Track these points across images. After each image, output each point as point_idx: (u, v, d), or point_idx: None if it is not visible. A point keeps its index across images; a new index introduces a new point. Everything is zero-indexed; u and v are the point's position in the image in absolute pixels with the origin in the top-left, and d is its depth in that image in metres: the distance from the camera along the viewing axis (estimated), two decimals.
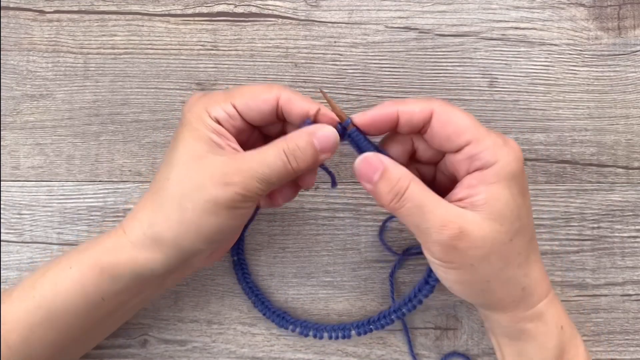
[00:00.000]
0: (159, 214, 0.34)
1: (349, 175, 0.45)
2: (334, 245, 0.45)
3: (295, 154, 0.34)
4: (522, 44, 0.45)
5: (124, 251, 0.35)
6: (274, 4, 0.45)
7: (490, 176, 0.32)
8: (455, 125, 0.33)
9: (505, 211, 0.32)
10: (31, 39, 0.45)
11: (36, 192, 0.45)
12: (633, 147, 0.45)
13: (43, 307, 0.35)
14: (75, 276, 0.35)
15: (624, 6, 0.46)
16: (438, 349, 0.44)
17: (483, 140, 0.33)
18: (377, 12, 0.45)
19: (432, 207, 0.33)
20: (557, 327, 0.35)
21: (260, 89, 0.35)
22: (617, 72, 0.45)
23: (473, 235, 0.32)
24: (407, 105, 0.34)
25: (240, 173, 0.33)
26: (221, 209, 0.33)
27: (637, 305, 0.44)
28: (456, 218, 0.32)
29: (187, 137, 0.35)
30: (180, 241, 0.34)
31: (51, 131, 0.45)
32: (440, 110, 0.34)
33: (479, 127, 0.34)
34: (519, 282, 0.34)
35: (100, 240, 0.36)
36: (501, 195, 0.32)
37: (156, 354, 0.44)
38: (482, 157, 0.33)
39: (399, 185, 0.33)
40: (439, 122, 0.34)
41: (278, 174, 0.34)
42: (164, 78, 0.45)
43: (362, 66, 0.45)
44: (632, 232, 0.45)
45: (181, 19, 0.45)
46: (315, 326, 0.43)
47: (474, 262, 0.33)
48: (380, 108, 0.35)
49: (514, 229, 0.33)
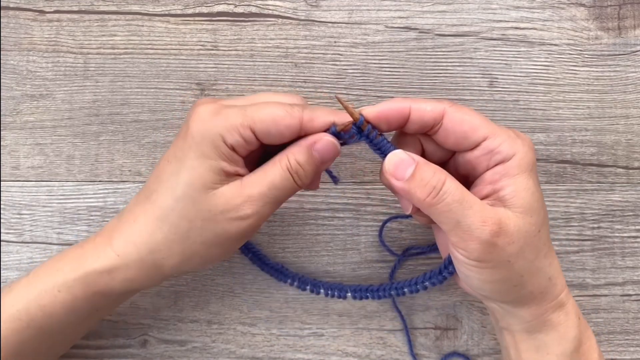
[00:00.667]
0: (161, 243, 0.33)
1: (349, 175, 0.45)
2: (334, 245, 0.45)
3: (298, 172, 0.33)
4: (522, 44, 0.45)
5: (119, 274, 0.34)
6: (274, 4, 0.45)
7: (512, 168, 0.33)
8: (470, 122, 0.33)
9: (533, 202, 0.33)
10: (31, 39, 0.45)
11: (36, 192, 0.45)
12: (633, 147, 0.45)
13: (32, 327, 0.35)
14: (68, 300, 0.34)
15: (624, 6, 0.46)
16: (438, 349, 0.44)
17: (499, 134, 0.33)
18: (377, 12, 0.45)
19: (473, 201, 0.32)
20: (576, 317, 0.35)
21: (282, 112, 0.32)
22: (617, 72, 0.45)
23: (510, 230, 0.32)
24: (419, 102, 0.34)
25: (251, 201, 0.32)
26: (232, 240, 0.33)
27: (637, 305, 0.44)
28: (494, 214, 0.32)
29: (196, 165, 0.32)
30: (183, 267, 0.34)
31: (51, 131, 0.45)
32: (452, 110, 0.33)
33: (490, 123, 0.34)
34: (546, 272, 0.34)
35: (86, 259, 0.34)
36: (527, 186, 0.33)
37: (156, 354, 0.44)
38: (501, 150, 0.33)
39: (435, 178, 0.32)
40: (452, 120, 0.33)
41: (287, 193, 0.34)
42: (164, 78, 0.45)
43: (362, 66, 0.45)
44: (632, 232, 0.45)
45: (181, 19, 0.45)
46: (314, 282, 0.43)
47: (510, 257, 0.32)
48: (392, 102, 0.34)
49: (541, 219, 0.33)
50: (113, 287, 0.34)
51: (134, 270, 0.34)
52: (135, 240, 0.34)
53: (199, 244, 0.33)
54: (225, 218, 0.32)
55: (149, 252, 0.34)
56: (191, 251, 0.33)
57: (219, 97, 0.43)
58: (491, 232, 0.31)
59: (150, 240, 0.33)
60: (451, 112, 0.33)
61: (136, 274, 0.34)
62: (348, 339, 0.44)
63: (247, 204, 0.32)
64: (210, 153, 0.32)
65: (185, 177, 0.32)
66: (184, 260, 0.34)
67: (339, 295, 0.42)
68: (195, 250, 0.33)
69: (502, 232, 0.32)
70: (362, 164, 0.45)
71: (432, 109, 0.33)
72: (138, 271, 0.34)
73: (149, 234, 0.33)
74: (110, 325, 0.44)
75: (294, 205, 0.45)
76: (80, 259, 0.35)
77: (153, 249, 0.33)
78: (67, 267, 0.35)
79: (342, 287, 0.42)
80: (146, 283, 0.35)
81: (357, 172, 0.45)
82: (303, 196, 0.45)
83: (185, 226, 0.33)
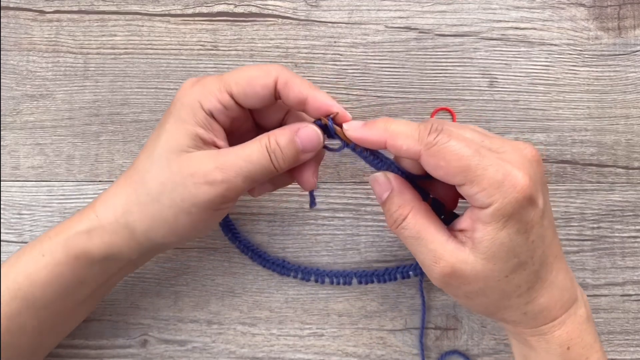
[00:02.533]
0: (134, 204, 0.34)
1: (349, 176, 0.45)
2: (334, 245, 0.45)
3: (275, 152, 0.33)
4: (522, 44, 0.45)
5: (97, 235, 0.34)
6: (274, 4, 0.45)
7: (486, 217, 0.31)
8: (445, 168, 0.31)
9: (500, 251, 0.31)
10: (31, 39, 0.45)
11: (36, 192, 0.45)
12: (633, 147, 0.45)
13: (19, 297, 0.35)
14: (50, 264, 0.35)
15: (624, 6, 0.46)
16: (438, 349, 0.44)
17: (478, 181, 0.30)
18: (377, 12, 0.45)
19: (428, 240, 0.32)
20: (560, 347, 0.34)
21: (257, 73, 0.34)
22: (617, 72, 0.45)
23: (465, 274, 0.32)
24: (396, 138, 0.32)
25: (223, 170, 0.32)
26: (200, 209, 0.33)
27: (637, 305, 0.44)
28: (450, 256, 0.32)
29: (173, 129, 0.33)
30: (152, 235, 0.34)
31: (51, 131, 0.45)
32: (429, 153, 0.31)
33: (477, 160, 0.30)
34: (519, 309, 0.33)
35: (71, 224, 0.35)
36: (496, 236, 0.31)
37: (156, 354, 0.44)
38: (477, 198, 0.31)
39: (398, 213, 0.33)
40: (427, 165, 0.32)
41: (261, 172, 0.33)
42: (164, 78, 0.45)
43: (362, 66, 0.45)
44: (632, 232, 0.45)
45: (181, 19, 0.45)
46: (317, 271, 0.43)
47: (468, 294, 0.33)
48: (370, 130, 0.33)
49: (510, 266, 0.32)
50: (91, 250, 0.34)
51: (109, 233, 0.34)
52: (114, 202, 0.34)
53: (167, 208, 0.33)
54: (194, 182, 0.32)
55: (123, 214, 0.34)
56: (160, 217, 0.33)
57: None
58: (441, 272, 0.32)
59: (125, 202, 0.34)
60: (426, 157, 0.31)
61: (112, 237, 0.34)
62: (348, 339, 0.44)
63: (217, 170, 0.32)
64: (187, 118, 0.33)
65: (162, 139, 0.34)
66: (154, 226, 0.34)
67: (345, 281, 0.42)
68: (165, 216, 0.33)
69: (455, 273, 0.32)
70: (362, 164, 0.45)
71: (406, 150, 0.32)
72: (113, 234, 0.34)
73: (125, 195, 0.34)
74: (110, 325, 0.44)
75: (294, 205, 0.45)
76: (65, 223, 0.36)
77: (126, 211, 0.34)
78: (52, 231, 0.36)
79: (347, 274, 0.42)
80: (124, 250, 0.35)
81: (357, 172, 0.45)
82: (303, 196, 0.45)
83: (157, 188, 0.33)
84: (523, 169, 0.31)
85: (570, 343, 0.34)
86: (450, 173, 0.31)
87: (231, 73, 0.34)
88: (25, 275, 0.35)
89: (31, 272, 0.35)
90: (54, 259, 0.35)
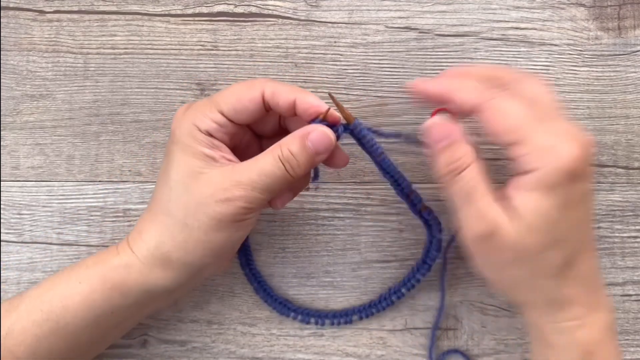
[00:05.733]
0: (165, 235, 0.35)
1: (349, 176, 0.45)
2: (334, 245, 0.45)
3: (290, 161, 0.34)
4: (522, 44, 0.45)
5: (134, 269, 0.35)
6: (274, 4, 0.45)
7: (528, 183, 0.31)
8: (503, 122, 0.31)
9: (539, 222, 0.31)
10: (31, 39, 0.45)
11: (36, 192, 0.45)
12: (633, 147, 0.45)
13: (51, 319, 0.35)
14: (85, 291, 0.35)
15: (624, 6, 0.46)
16: (438, 349, 0.44)
17: (528, 142, 0.30)
18: (377, 12, 0.45)
19: (477, 196, 0.32)
20: (583, 352, 0.33)
21: (243, 88, 0.35)
22: (617, 72, 0.45)
23: (502, 239, 0.31)
24: (461, 92, 0.33)
25: (240, 186, 0.33)
26: (226, 224, 0.34)
27: (637, 306, 0.44)
28: (493, 216, 0.31)
29: (180, 156, 0.35)
30: (189, 259, 0.35)
31: (51, 131, 0.45)
32: (489, 106, 0.32)
33: (532, 123, 0.31)
34: (547, 292, 0.33)
35: (108, 257, 0.36)
36: (537, 206, 0.31)
37: (156, 354, 0.44)
38: (523, 161, 0.31)
39: (461, 161, 0.32)
40: (486, 118, 0.32)
41: (278, 182, 0.34)
42: (164, 78, 0.45)
43: (362, 66, 0.45)
44: (632, 232, 0.45)
45: (181, 19, 0.45)
46: (317, 314, 0.43)
47: (498, 264, 0.33)
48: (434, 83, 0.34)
49: (546, 241, 0.31)
50: (128, 283, 0.35)
51: (145, 266, 0.35)
52: (145, 238, 0.35)
53: (196, 230, 0.34)
54: (214, 200, 0.33)
55: (156, 247, 0.35)
56: (192, 239, 0.34)
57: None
58: (481, 231, 0.32)
59: (155, 235, 0.35)
60: (488, 109, 0.32)
61: (149, 271, 0.35)
62: (348, 339, 0.44)
63: (235, 187, 0.33)
64: (189, 142, 0.34)
65: (173, 168, 0.35)
66: (188, 249, 0.34)
67: (346, 321, 0.43)
68: (196, 237, 0.34)
69: (493, 236, 0.31)
70: (362, 164, 0.45)
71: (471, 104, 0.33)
72: (150, 267, 0.35)
73: (154, 229, 0.35)
74: None
75: (294, 205, 0.45)
76: (102, 255, 0.37)
77: (158, 242, 0.35)
78: (90, 260, 0.37)
79: (346, 313, 0.43)
80: (159, 282, 0.35)
81: (357, 172, 0.45)
82: (303, 196, 0.45)
83: (182, 213, 0.34)
84: (576, 143, 0.31)
85: (593, 348, 0.33)
86: (504, 130, 0.31)
87: (219, 93, 0.35)
88: (60, 299, 0.35)
89: (66, 296, 0.35)
90: (90, 286, 0.35)
